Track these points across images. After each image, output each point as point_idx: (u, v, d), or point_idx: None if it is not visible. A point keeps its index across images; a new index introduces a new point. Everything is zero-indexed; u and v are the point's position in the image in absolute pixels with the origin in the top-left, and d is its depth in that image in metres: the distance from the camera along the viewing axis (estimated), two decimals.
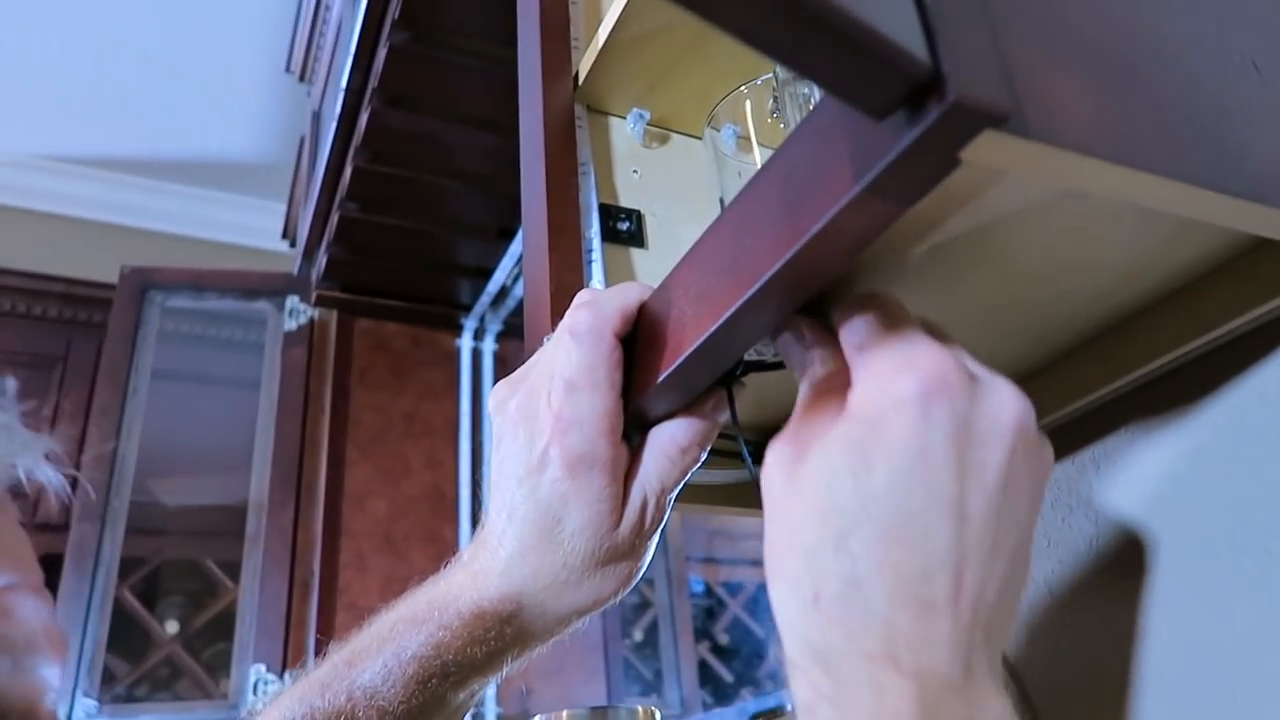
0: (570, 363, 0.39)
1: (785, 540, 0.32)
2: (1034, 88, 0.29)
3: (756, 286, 0.33)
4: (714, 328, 0.36)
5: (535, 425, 0.39)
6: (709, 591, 2.35)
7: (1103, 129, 0.30)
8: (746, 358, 0.41)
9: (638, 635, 2.16)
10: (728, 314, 0.35)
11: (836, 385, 0.33)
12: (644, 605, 2.16)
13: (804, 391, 0.35)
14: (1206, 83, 0.36)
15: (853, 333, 0.33)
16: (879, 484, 0.30)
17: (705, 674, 2.23)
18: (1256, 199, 0.34)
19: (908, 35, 0.26)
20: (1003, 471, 0.30)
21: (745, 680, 2.25)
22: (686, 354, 0.38)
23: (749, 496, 0.58)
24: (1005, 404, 0.31)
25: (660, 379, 0.39)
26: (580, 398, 0.39)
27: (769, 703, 0.82)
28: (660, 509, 0.42)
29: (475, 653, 0.42)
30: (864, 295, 0.34)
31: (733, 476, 0.56)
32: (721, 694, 2.15)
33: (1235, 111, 0.36)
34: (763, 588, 0.92)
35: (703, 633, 2.26)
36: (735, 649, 2.31)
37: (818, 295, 0.35)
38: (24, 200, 2.41)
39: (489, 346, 1.60)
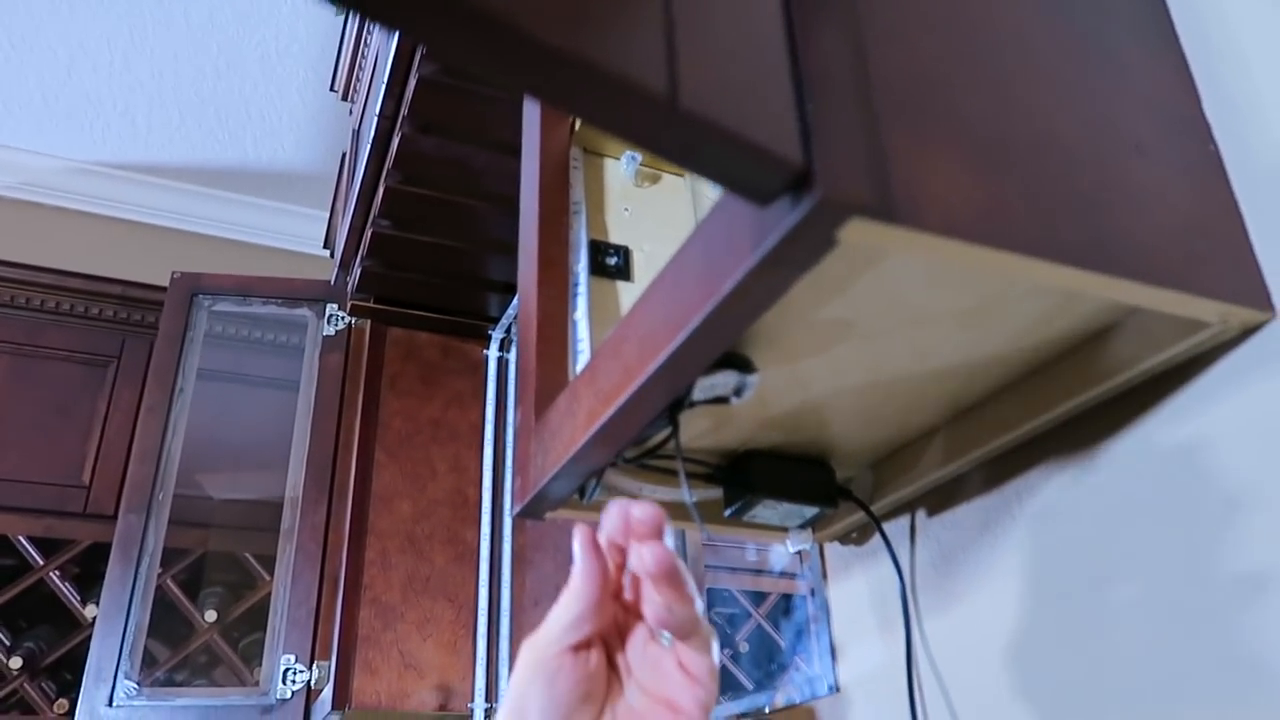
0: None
1: None
2: (908, 176, 0.34)
3: (685, 334, 0.39)
4: (653, 367, 0.41)
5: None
6: (732, 600, 2.39)
7: (973, 213, 0.35)
8: (695, 397, 0.46)
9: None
10: (664, 356, 0.40)
11: None
12: None
13: None
14: (1089, 168, 0.40)
15: None
16: None
17: (726, 680, 2.27)
18: (1136, 276, 0.38)
19: (783, 137, 0.31)
20: None
21: (765, 687, 2.28)
22: (636, 386, 0.43)
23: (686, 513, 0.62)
24: None
25: (613, 409, 0.44)
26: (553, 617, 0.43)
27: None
28: None
29: None
30: None
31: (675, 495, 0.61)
32: (742, 699, 2.19)
33: (1118, 193, 0.40)
34: (785, 597, 0.96)
35: (725, 640, 2.30)
36: (755, 656, 2.34)
37: None
38: (84, 205, 2.54)
39: (514, 357, 1.66)
